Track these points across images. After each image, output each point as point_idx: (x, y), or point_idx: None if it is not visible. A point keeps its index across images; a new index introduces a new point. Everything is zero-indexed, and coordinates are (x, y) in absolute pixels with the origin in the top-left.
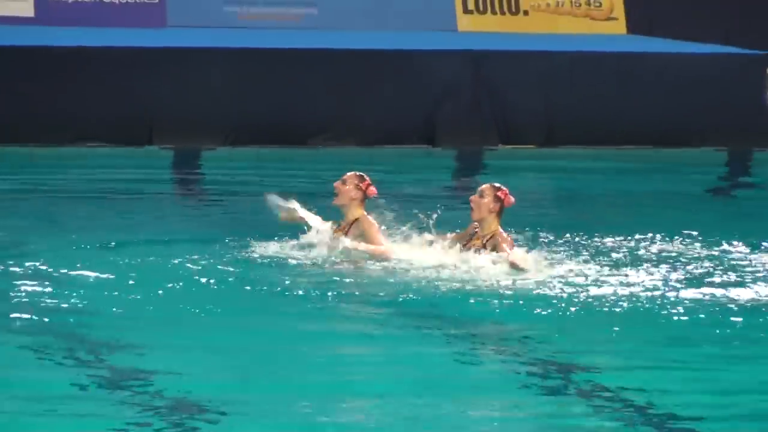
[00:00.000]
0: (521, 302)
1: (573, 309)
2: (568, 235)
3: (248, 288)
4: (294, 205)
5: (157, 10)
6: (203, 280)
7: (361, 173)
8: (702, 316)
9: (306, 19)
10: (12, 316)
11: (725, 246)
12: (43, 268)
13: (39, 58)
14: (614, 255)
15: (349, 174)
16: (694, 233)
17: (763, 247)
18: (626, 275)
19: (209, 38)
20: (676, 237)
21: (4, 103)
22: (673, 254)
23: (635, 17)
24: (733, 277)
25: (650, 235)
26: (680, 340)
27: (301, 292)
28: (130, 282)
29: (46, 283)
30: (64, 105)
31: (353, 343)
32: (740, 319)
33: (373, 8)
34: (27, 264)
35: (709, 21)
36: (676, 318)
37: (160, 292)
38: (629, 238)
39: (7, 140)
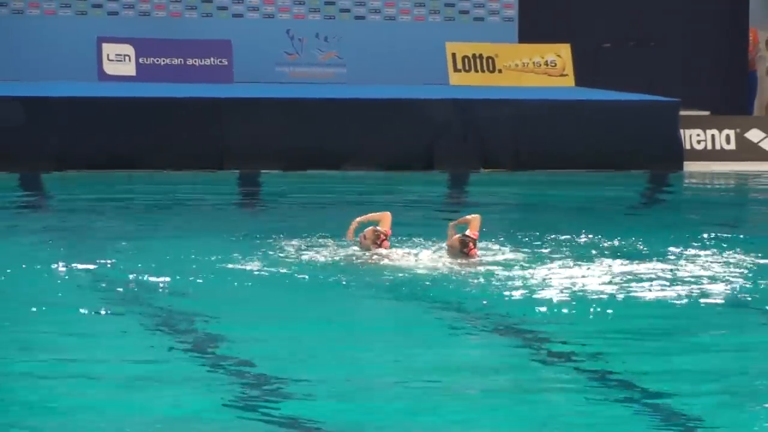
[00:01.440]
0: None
1: (546, 293)
2: (532, 234)
3: (301, 278)
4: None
5: (226, 69)
6: (264, 270)
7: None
8: (634, 296)
9: (337, 76)
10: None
11: (649, 243)
12: (144, 261)
13: (139, 106)
14: (568, 251)
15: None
16: (625, 234)
17: (675, 244)
18: (581, 266)
19: (266, 91)
20: (612, 237)
21: (114, 139)
22: (611, 249)
23: (581, 74)
24: (659, 267)
25: (593, 235)
26: (628, 317)
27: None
28: (210, 272)
29: (146, 274)
30: (157, 140)
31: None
32: (677, 301)
33: (387, 68)
34: (139, 257)
35: (636, 76)
36: (618, 296)
37: (229, 279)
38: (578, 237)
39: (115, 168)
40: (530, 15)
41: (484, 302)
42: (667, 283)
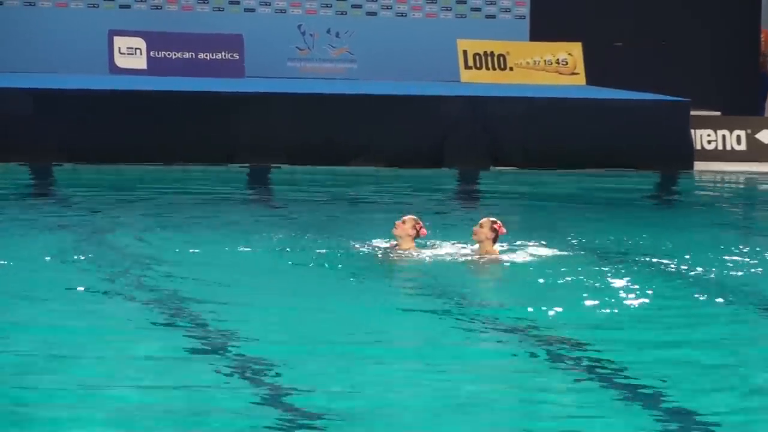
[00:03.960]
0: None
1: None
2: (541, 233)
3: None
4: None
5: (237, 64)
6: (268, 262)
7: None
8: (645, 289)
9: (348, 72)
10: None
11: (657, 240)
12: (157, 254)
13: (150, 99)
14: (578, 250)
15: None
16: (634, 232)
17: (683, 242)
18: (592, 266)
19: (276, 86)
20: (623, 236)
21: (124, 133)
22: (621, 249)
23: (591, 72)
24: (670, 267)
25: (603, 235)
26: (640, 318)
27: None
28: (217, 263)
29: (160, 265)
30: (167, 134)
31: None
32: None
33: (398, 64)
34: (150, 247)
35: (647, 75)
36: (630, 297)
37: (238, 270)
38: (588, 237)
39: (126, 161)
40: (542, 13)
41: (499, 301)
42: (679, 284)
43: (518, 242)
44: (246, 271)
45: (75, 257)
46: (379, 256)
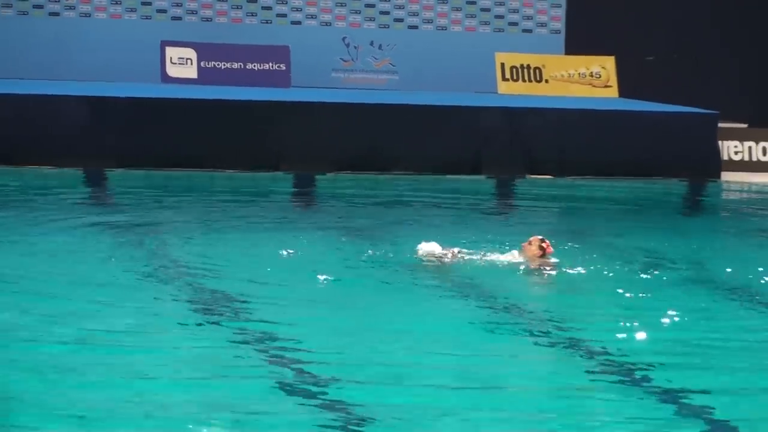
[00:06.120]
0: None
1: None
2: (573, 235)
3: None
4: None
5: (284, 74)
6: (316, 268)
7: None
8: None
9: (390, 83)
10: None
11: (684, 242)
12: (202, 252)
13: (200, 108)
14: (611, 255)
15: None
16: (661, 236)
17: (709, 245)
18: (628, 273)
19: (321, 95)
20: (647, 238)
21: (175, 139)
22: (646, 248)
23: (624, 85)
24: (694, 263)
25: (633, 237)
26: (678, 328)
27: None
28: (265, 263)
29: (206, 263)
30: (216, 141)
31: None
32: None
33: (438, 76)
34: (198, 249)
35: (678, 88)
36: (667, 305)
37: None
38: (621, 244)
39: (175, 166)
40: (577, 28)
41: (535, 307)
42: (715, 294)
43: (556, 249)
44: (294, 277)
45: (125, 259)
46: (425, 263)
